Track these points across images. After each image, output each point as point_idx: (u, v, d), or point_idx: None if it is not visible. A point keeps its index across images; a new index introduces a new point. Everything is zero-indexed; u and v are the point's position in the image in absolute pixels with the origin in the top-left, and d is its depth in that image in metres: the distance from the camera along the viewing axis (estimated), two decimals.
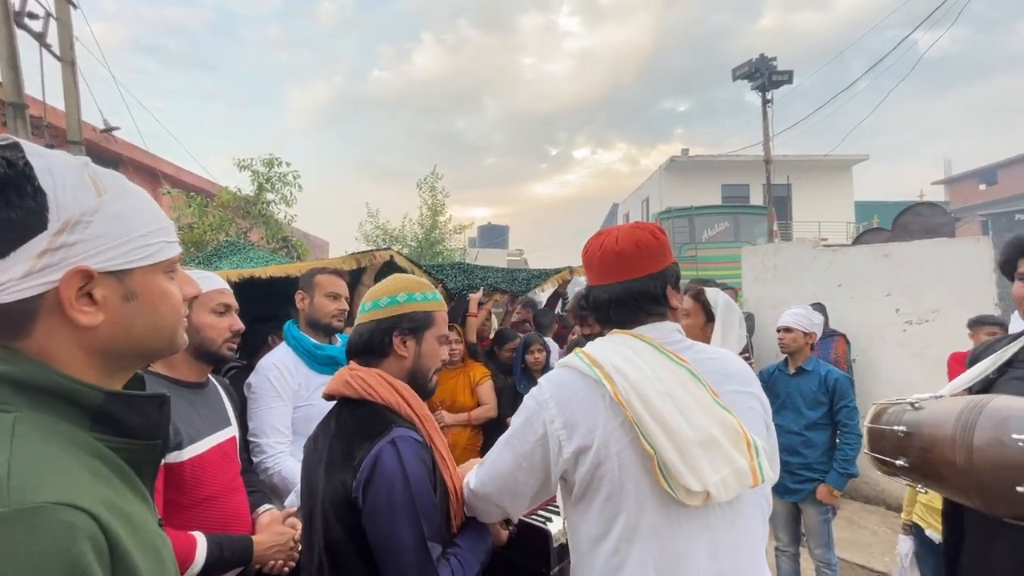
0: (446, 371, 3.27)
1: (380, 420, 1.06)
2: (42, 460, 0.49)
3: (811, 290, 5.19)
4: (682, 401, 0.92)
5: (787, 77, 10.40)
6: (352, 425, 1.08)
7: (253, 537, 1.38)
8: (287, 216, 8.94)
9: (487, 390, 3.23)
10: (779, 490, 2.66)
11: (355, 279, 2.95)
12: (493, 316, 4.34)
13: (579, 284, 4.90)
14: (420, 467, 1.02)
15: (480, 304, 3.49)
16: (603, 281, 1.09)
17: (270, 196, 8.58)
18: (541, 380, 1.05)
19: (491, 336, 3.87)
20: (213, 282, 1.49)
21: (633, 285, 1.05)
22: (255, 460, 1.76)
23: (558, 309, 4.92)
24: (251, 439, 1.78)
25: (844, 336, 4.67)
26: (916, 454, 1.26)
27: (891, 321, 4.77)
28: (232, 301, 1.51)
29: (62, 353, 0.57)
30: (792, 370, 2.79)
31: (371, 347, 1.15)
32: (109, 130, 7.70)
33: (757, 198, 14.26)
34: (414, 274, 3.47)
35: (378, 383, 1.10)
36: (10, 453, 0.47)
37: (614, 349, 1.00)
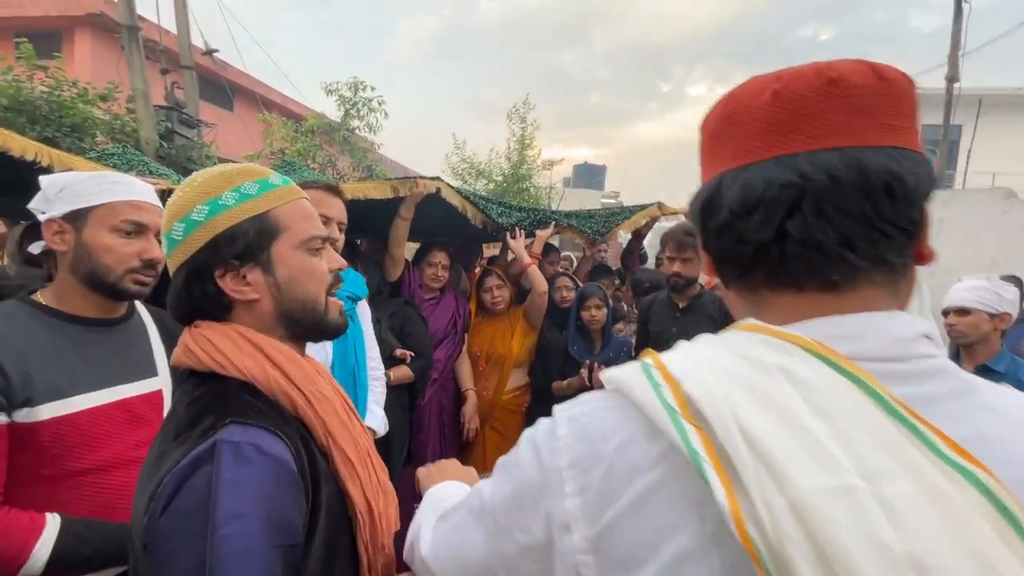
0: (487, 320, 2.85)
1: (214, 409, 0.65)
2: None
3: (992, 254, 4.04)
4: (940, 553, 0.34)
5: None
6: (180, 415, 0.68)
7: None
8: (373, 144, 8.86)
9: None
10: None
11: (391, 210, 2.56)
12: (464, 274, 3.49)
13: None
14: (253, 502, 0.58)
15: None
16: (777, 152, 0.45)
17: (355, 123, 8.51)
18: (560, 414, 0.51)
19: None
20: (126, 189, 1.13)
21: (864, 156, 0.43)
22: None
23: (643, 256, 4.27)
24: None
25: None
26: None
27: None
28: (150, 220, 1.14)
29: None
30: (971, 368, 1.97)
31: (199, 308, 0.73)
32: (210, 52, 7.90)
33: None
34: (466, 211, 2.92)
35: (233, 347, 0.70)
36: None
37: (737, 371, 0.43)
